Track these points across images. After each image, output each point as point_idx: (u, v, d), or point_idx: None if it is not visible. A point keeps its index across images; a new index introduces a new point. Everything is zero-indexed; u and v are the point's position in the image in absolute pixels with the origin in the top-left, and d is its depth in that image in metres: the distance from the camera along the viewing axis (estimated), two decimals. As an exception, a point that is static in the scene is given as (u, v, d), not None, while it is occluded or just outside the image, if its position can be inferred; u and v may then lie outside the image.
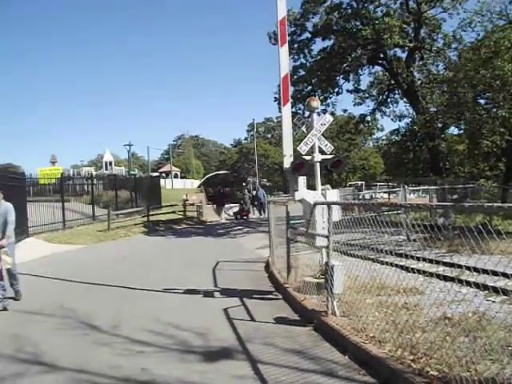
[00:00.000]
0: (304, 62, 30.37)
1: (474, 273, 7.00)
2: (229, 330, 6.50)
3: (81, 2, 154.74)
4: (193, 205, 33.38)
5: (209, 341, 6.06)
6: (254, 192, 36.11)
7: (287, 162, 8.28)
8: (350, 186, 42.58)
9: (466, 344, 4.68)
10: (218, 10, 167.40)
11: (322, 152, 8.39)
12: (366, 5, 27.82)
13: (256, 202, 33.81)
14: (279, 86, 8.94)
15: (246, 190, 37.68)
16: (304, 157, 8.27)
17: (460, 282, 5.50)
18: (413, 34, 27.62)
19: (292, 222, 9.27)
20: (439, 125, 27.10)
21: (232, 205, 34.82)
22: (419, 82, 29.01)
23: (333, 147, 8.66)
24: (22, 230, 18.29)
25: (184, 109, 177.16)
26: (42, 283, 10.93)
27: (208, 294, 8.99)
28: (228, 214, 32.83)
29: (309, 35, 29.75)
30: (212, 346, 5.85)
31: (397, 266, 7.17)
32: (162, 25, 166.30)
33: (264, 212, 31.73)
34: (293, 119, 8.89)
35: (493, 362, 4.24)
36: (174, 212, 31.53)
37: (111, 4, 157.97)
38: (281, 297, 8.46)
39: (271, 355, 5.38)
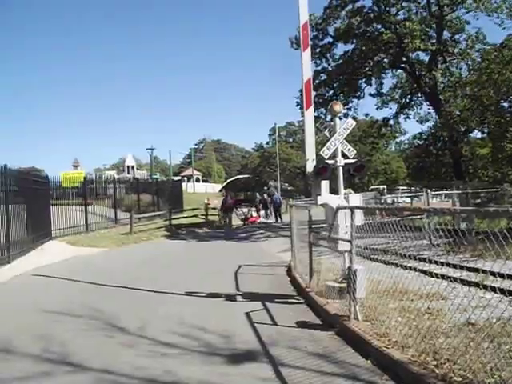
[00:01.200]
0: (326, 66, 30.48)
1: (499, 278, 6.93)
2: (251, 334, 6.53)
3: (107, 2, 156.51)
4: (214, 209, 33.53)
5: (232, 344, 6.10)
6: (266, 196, 35.89)
7: (310, 166, 8.24)
8: (372, 190, 42.27)
9: (491, 350, 4.63)
10: (241, 14, 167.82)
11: (344, 156, 8.38)
12: (387, 8, 27.73)
13: (272, 207, 33.63)
14: (301, 90, 8.92)
15: (257, 194, 37.51)
16: (327, 161, 8.25)
17: (484, 287, 5.46)
18: (435, 37, 27.44)
19: (314, 226, 9.27)
20: (462, 128, 26.83)
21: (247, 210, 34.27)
22: (442, 85, 28.79)
23: (355, 151, 8.64)
24: (46, 233, 18.61)
25: (206, 113, 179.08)
26: (66, 285, 11.09)
27: (230, 297, 9.02)
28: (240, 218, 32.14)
29: (330, 39, 29.87)
30: (235, 349, 5.89)
31: (420, 270, 7.14)
32: (185, 27, 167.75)
33: (280, 217, 31.69)
34: (315, 123, 8.87)
35: (518, 369, 4.20)
36: (195, 216, 31.71)
37: (136, 5, 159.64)
38: (303, 301, 8.46)
39: (294, 359, 5.40)
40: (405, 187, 42.32)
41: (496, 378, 4.06)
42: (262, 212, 35.17)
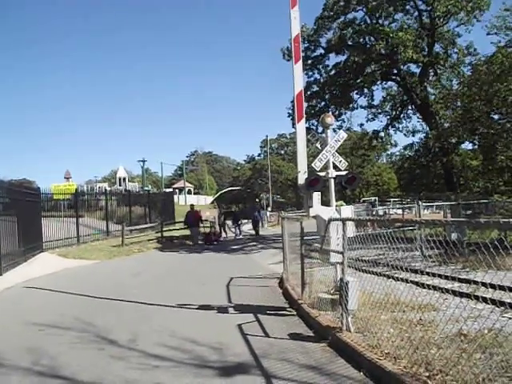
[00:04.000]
0: (318, 77, 30.53)
1: (490, 289, 6.95)
2: (243, 346, 6.48)
3: (95, 20, 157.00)
4: (206, 221, 33.41)
5: (224, 356, 6.06)
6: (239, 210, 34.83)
7: (301, 178, 8.25)
8: (364, 201, 42.35)
9: (483, 361, 4.64)
10: (234, 30, 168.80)
11: (336, 168, 8.40)
12: (380, 20, 27.96)
13: (252, 220, 32.99)
14: (293, 102, 8.96)
15: (220, 209, 36.53)
16: (318, 173, 8.27)
17: (476, 298, 5.47)
18: (426, 49, 27.67)
19: (306, 238, 9.27)
20: (453, 140, 27.00)
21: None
22: (433, 97, 29.00)
23: (347, 163, 8.67)
24: (37, 245, 18.48)
25: (198, 125, 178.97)
26: (57, 297, 11.01)
27: (222, 309, 8.96)
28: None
29: (322, 51, 29.93)
30: (227, 361, 5.85)
31: (412, 282, 7.15)
32: (179, 42, 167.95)
33: (257, 233, 31.37)
34: (307, 135, 8.89)
35: (510, 379, 4.20)
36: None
37: (127, 25, 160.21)
38: (295, 313, 8.42)
39: (286, 371, 5.36)
40: (396, 199, 42.42)
41: (488, 388, 4.06)
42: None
